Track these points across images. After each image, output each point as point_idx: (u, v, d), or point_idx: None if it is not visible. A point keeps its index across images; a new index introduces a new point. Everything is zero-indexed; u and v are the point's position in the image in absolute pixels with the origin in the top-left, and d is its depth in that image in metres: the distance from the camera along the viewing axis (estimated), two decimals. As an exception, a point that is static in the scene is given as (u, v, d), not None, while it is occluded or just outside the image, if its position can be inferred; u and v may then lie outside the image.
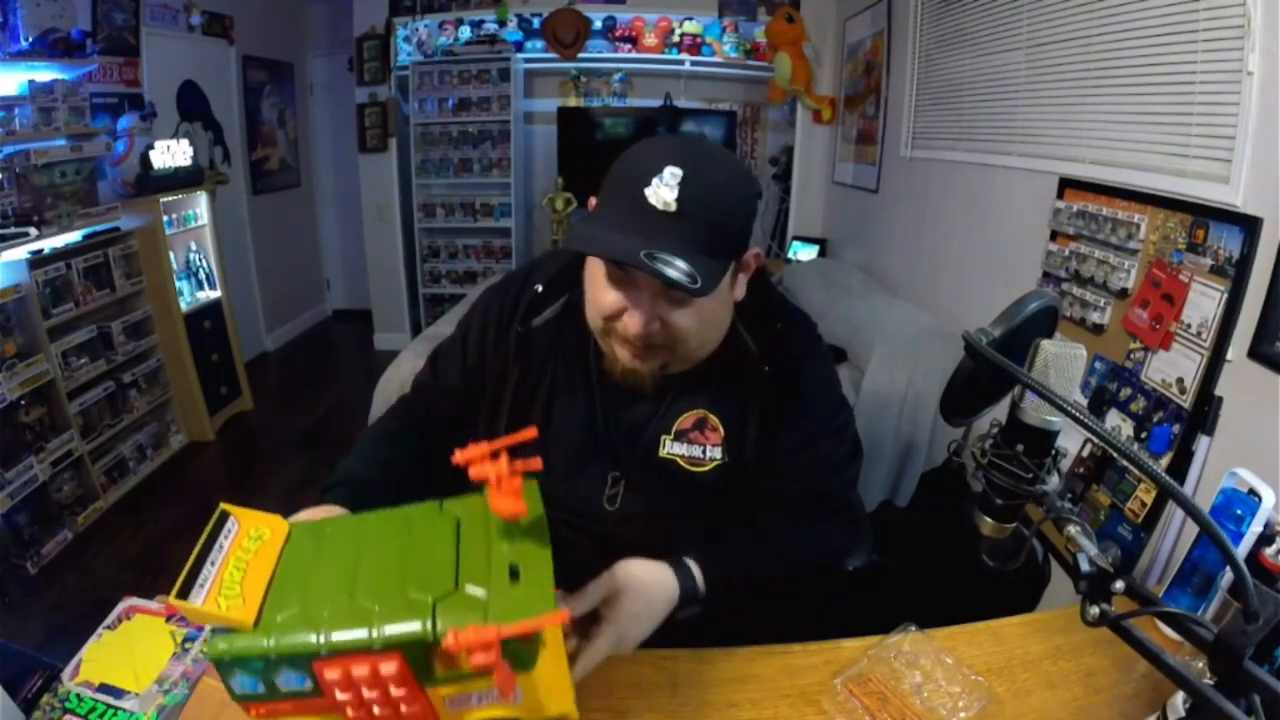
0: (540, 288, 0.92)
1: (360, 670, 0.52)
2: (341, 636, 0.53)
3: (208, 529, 0.62)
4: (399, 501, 0.70)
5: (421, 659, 0.52)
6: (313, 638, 0.53)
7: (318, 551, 0.63)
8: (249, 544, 0.63)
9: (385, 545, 0.62)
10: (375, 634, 0.52)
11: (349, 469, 0.87)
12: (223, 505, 0.64)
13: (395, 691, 0.53)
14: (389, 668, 0.52)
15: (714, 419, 0.89)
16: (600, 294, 0.79)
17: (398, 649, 0.52)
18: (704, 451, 0.89)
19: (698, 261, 0.68)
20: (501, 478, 0.58)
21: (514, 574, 0.55)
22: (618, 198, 0.74)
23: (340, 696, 0.53)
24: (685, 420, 0.89)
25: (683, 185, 0.69)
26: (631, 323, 0.75)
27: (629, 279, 0.75)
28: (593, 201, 0.80)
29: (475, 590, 0.54)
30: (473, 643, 0.48)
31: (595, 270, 0.80)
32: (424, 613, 0.53)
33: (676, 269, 0.67)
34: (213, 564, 0.59)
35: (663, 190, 0.69)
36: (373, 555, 0.61)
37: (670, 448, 0.89)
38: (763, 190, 0.78)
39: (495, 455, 0.60)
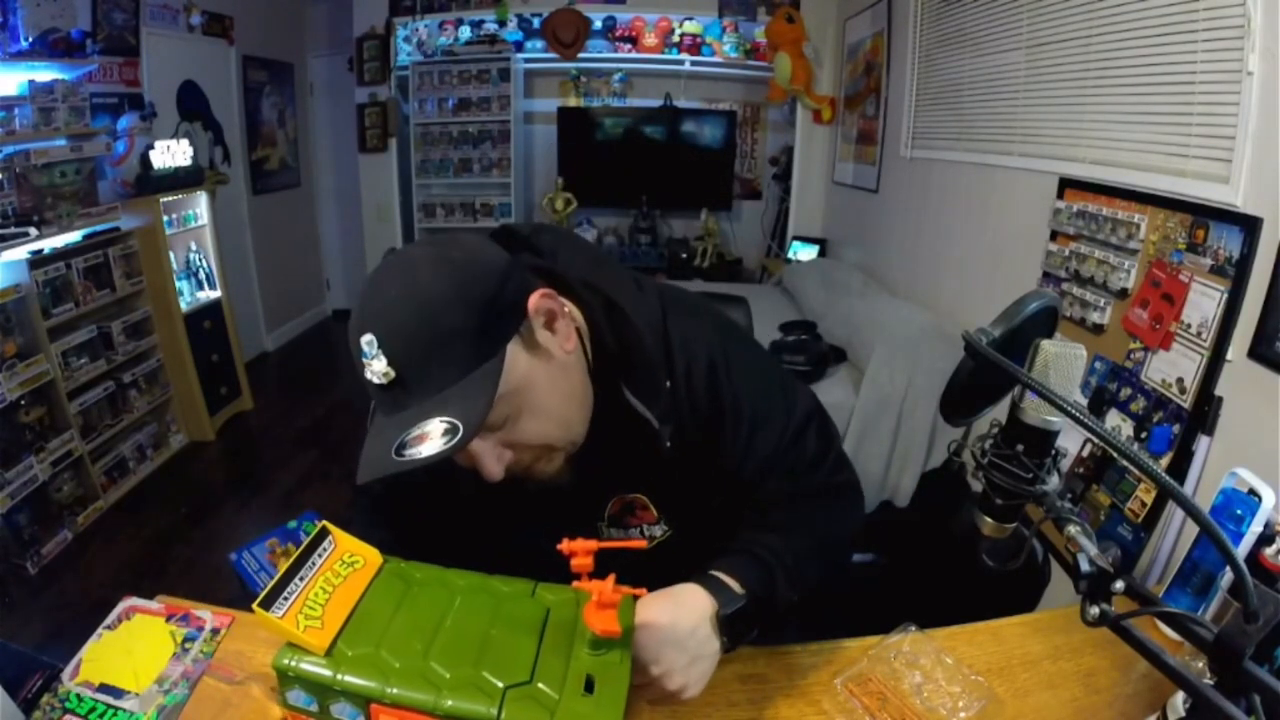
0: None
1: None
2: (407, 693, 0.55)
3: (306, 542, 0.64)
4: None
5: None
6: (379, 685, 0.55)
7: (403, 598, 0.65)
8: (340, 568, 0.65)
9: (470, 616, 0.63)
10: (440, 702, 0.54)
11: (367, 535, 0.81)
12: (324, 523, 0.67)
13: None
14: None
15: (641, 499, 0.83)
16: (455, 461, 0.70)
17: None
18: (643, 531, 0.84)
19: (452, 398, 0.60)
20: (604, 595, 0.58)
21: (589, 685, 0.56)
22: (368, 390, 0.66)
23: None
24: (613, 506, 0.84)
25: (383, 347, 0.61)
26: (486, 475, 0.68)
27: None
28: None
29: (547, 690, 0.55)
30: None
31: None
32: (493, 697, 0.54)
33: (430, 437, 0.59)
34: (301, 579, 0.62)
35: (373, 365, 0.61)
36: (456, 622, 0.62)
37: (610, 534, 0.85)
38: (471, 259, 0.65)
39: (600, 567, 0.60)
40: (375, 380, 0.62)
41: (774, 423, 0.81)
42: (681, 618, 0.68)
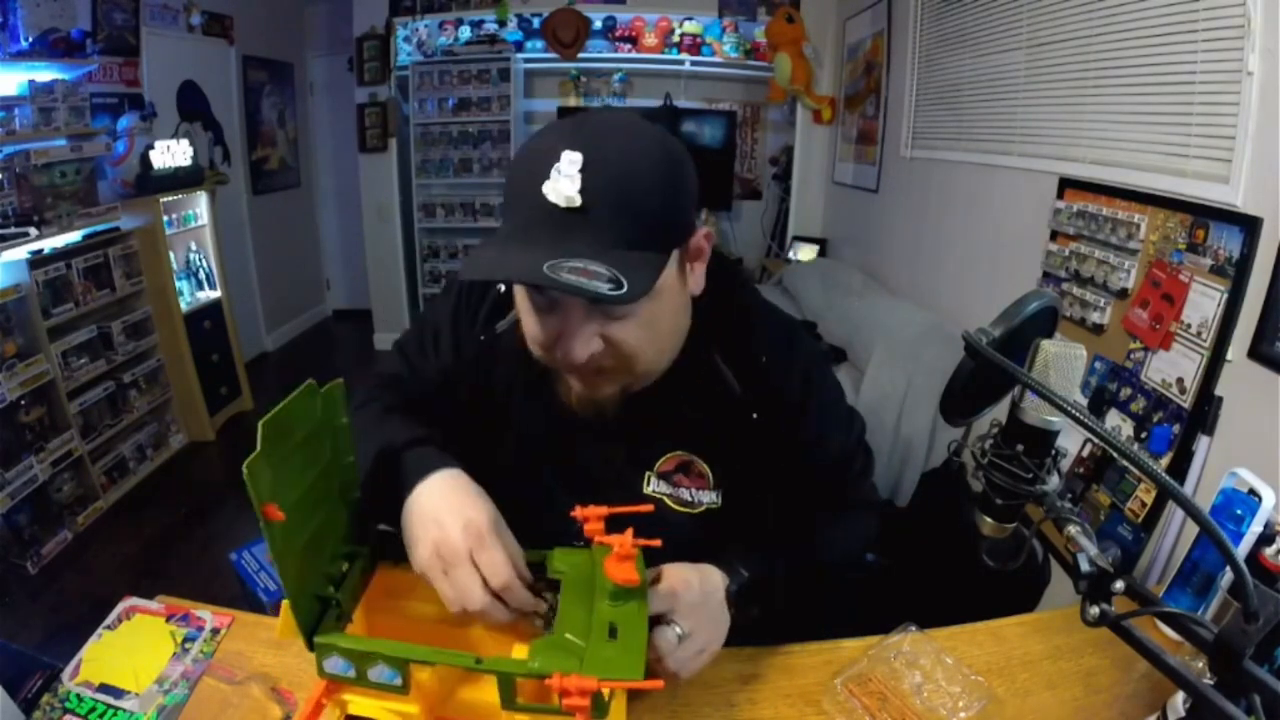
0: (503, 288, 0.83)
1: (453, 681, 0.58)
2: (446, 652, 0.58)
3: None
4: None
5: (509, 686, 0.57)
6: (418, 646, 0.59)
7: None
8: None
9: None
10: (480, 657, 0.58)
11: (413, 432, 0.74)
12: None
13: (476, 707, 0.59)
14: (479, 686, 0.58)
15: (700, 464, 0.80)
16: (529, 324, 0.69)
17: (495, 673, 0.57)
18: (692, 495, 0.81)
19: (620, 260, 0.58)
20: (623, 548, 0.61)
21: (612, 632, 0.59)
22: (517, 203, 0.62)
23: (423, 697, 0.59)
24: (667, 462, 0.80)
25: (585, 172, 0.58)
26: (568, 353, 0.65)
27: (552, 301, 0.64)
28: None
29: (575, 639, 0.59)
30: (574, 687, 0.53)
31: (520, 298, 0.69)
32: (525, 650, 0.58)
33: (592, 276, 0.56)
34: None
35: (562, 183, 0.58)
36: None
37: (655, 485, 0.81)
38: (687, 161, 0.67)
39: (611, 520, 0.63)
40: (551, 199, 0.58)
41: (842, 431, 0.87)
42: (703, 581, 0.71)
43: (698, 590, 0.70)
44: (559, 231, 0.59)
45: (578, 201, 0.58)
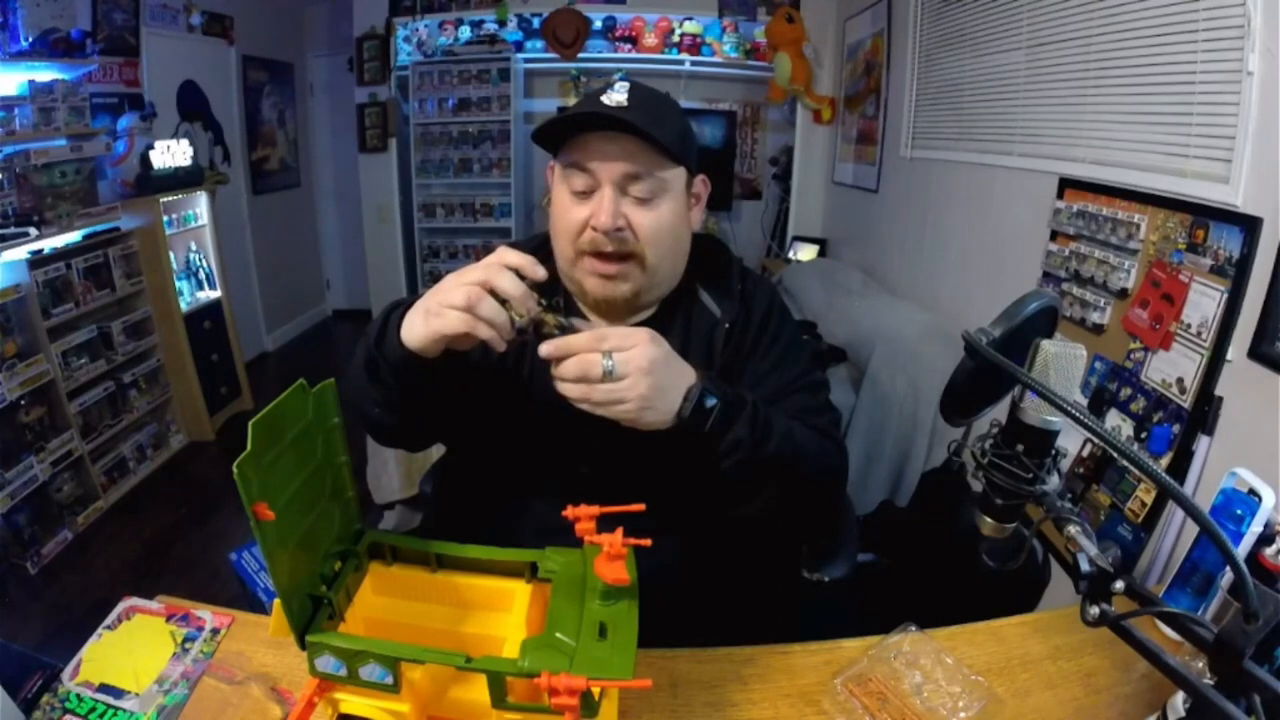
0: None
1: (444, 680, 0.59)
2: (437, 651, 0.59)
3: None
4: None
5: (500, 685, 0.57)
6: (410, 644, 0.59)
7: None
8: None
9: None
10: (469, 656, 0.58)
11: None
12: None
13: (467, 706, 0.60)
14: (470, 685, 0.59)
15: None
16: (567, 213, 0.85)
17: (485, 672, 0.57)
18: None
19: (655, 134, 0.78)
20: (614, 547, 0.62)
21: (602, 632, 0.60)
22: (579, 108, 0.83)
23: (414, 696, 0.59)
24: None
25: (630, 92, 0.81)
26: (599, 216, 0.81)
27: (589, 191, 0.83)
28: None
29: (565, 639, 0.59)
30: (562, 686, 0.53)
31: (561, 192, 0.87)
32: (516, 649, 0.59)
33: (644, 128, 0.77)
34: None
35: (615, 94, 0.81)
36: None
37: None
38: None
39: (603, 519, 0.65)
40: (608, 102, 0.80)
41: (799, 365, 0.97)
42: (672, 361, 0.75)
43: (652, 344, 0.72)
44: (614, 114, 0.79)
45: (625, 103, 0.80)
